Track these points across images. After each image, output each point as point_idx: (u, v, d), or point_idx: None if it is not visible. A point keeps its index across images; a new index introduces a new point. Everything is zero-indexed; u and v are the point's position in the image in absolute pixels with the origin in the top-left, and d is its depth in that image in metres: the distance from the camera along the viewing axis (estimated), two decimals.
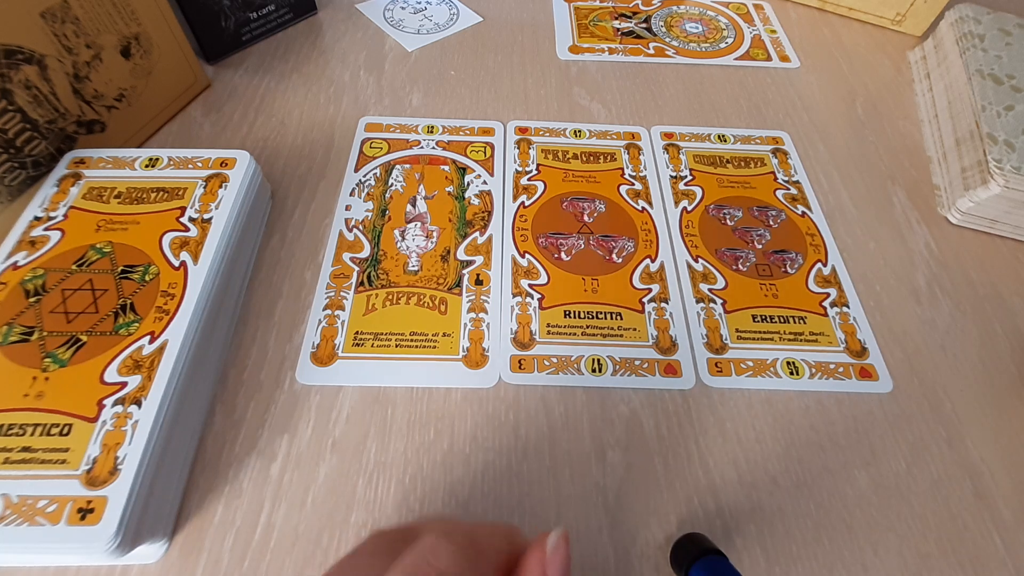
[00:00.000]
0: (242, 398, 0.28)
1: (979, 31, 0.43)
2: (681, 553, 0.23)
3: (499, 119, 0.42)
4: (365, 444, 0.27)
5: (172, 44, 0.38)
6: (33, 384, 0.24)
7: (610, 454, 0.27)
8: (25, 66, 0.30)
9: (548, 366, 0.30)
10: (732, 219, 0.36)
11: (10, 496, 0.21)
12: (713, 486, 0.27)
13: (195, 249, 0.29)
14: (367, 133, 0.40)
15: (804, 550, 0.25)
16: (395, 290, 0.32)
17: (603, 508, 0.26)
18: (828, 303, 0.33)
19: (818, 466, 0.28)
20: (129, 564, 0.24)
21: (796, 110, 0.44)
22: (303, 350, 0.30)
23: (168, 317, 0.26)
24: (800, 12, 0.54)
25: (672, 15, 0.52)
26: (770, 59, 0.49)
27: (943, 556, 0.26)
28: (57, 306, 0.26)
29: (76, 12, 0.32)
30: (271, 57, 0.45)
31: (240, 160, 0.32)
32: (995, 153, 0.35)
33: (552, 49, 0.48)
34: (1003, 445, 0.29)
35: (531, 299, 0.32)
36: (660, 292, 0.33)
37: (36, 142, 0.32)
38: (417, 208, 0.36)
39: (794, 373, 0.30)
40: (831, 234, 0.36)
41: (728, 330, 0.31)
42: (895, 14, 0.51)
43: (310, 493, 0.26)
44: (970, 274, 0.35)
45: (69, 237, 0.28)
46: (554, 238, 0.35)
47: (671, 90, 0.45)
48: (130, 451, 0.22)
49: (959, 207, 0.37)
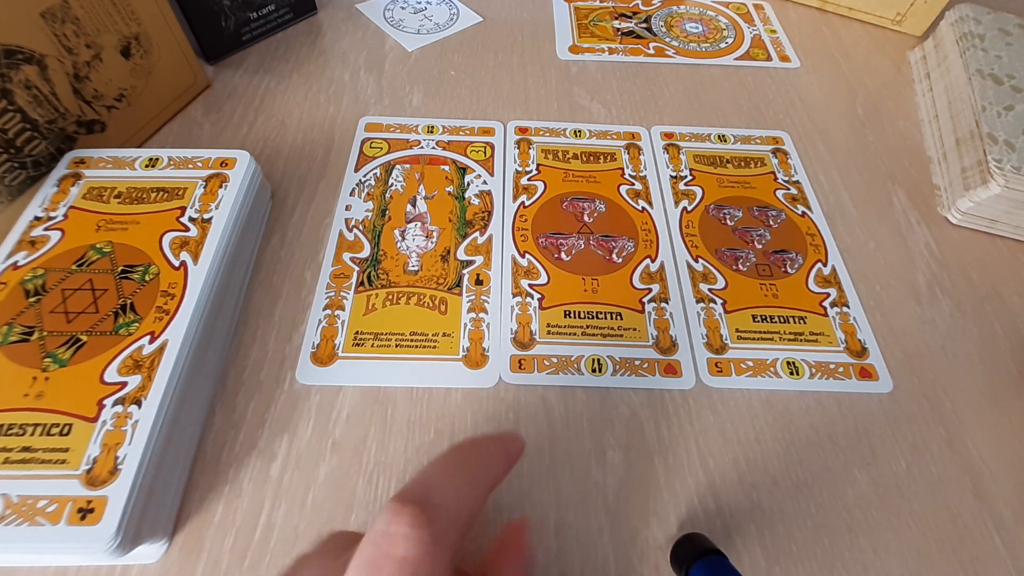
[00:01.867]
0: (242, 398, 0.28)
1: (979, 31, 0.43)
2: (681, 553, 0.23)
3: (499, 119, 0.41)
4: (365, 444, 0.27)
5: (172, 44, 0.38)
6: (33, 384, 0.24)
7: (610, 454, 0.27)
8: (25, 66, 0.30)
9: (548, 366, 0.30)
10: (732, 219, 0.36)
11: (10, 496, 0.21)
12: (713, 486, 0.27)
13: (195, 249, 0.29)
14: (367, 133, 0.40)
15: (804, 550, 0.25)
16: (395, 290, 0.32)
17: (603, 508, 0.26)
18: (828, 303, 0.33)
19: (818, 466, 0.28)
20: (129, 564, 0.24)
21: (796, 110, 0.44)
22: (303, 350, 0.30)
23: (168, 317, 0.26)
24: (800, 12, 0.54)
25: (672, 15, 0.52)
26: (770, 59, 0.49)
27: (943, 556, 0.26)
28: (57, 306, 0.26)
29: (76, 12, 0.32)
30: (271, 57, 0.45)
31: (240, 160, 0.32)
32: (995, 153, 0.35)
33: (552, 49, 0.48)
34: (1003, 445, 0.29)
35: (531, 299, 0.32)
36: (660, 292, 0.33)
37: (36, 142, 0.32)
38: (417, 208, 0.36)
39: (794, 373, 0.30)
40: (831, 234, 0.36)
41: (728, 330, 0.31)
42: (895, 14, 0.51)
43: (310, 493, 0.26)
44: (970, 274, 0.35)
45: (69, 237, 0.28)
46: (554, 238, 0.35)
47: (671, 90, 0.45)
48: (130, 451, 0.22)
49: (959, 207, 0.37)
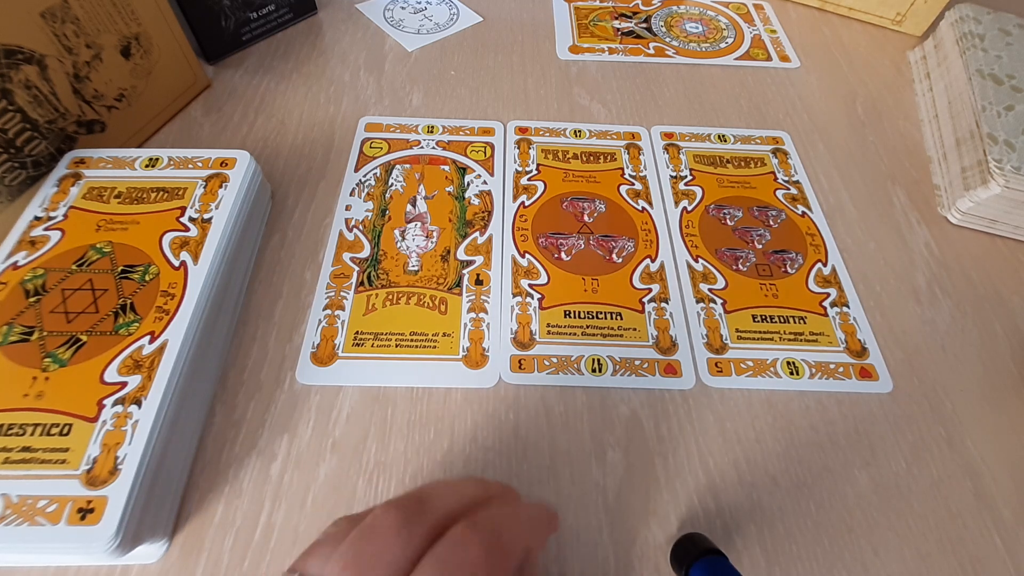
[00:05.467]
0: (242, 398, 0.28)
1: (979, 31, 0.43)
2: (681, 553, 0.23)
3: (499, 119, 0.41)
4: (365, 444, 0.27)
5: (172, 44, 0.38)
6: (33, 384, 0.24)
7: (610, 454, 0.27)
8: (25, 66, 0.30)
9: (548, 366, 0.30)
10: (732, 219, 0.36)
11: (10, 496, 0.21)
12: (713, 486, 0.27)
13: (195, 249, 0.29)
14: (367, 133, 0.40)
15: (804, 550, 0.25)
16: (395, 290, 0.32)
17: (603, 508, 0.26)
18: (828, 303, 0.33)
19: (818, 466, 0.28)
20: (129, 564, 0.24)
21: (796, 110, 0.44)
22: (303, 350, 0.30)
23: (168, 317, 0.26)
24: (800, 12, 0.54)
25: (672, 15, 0.52)
26: (770, 59, 0.49)
27: (943, 556, 0.26)
28: (57, 306, 0.26)
29: (76, 12, 0.32)
30: (271, 57, 0.45)
31: (240, 160, 0.32)
32: (995, 153, 0.35)
33: (552, 49, 0.48)
34: (1003, 445, 0.29)
35: (531, 299, 0.32)
36: (660, 292, 0.33)
37: (36, 142, 0.32)
38: (417, 208, 0.36)
39: (794, 373, 0.30)
40: (831, 234, 0.36)
41: (728, 330, 0.31)
42: (895, 14, 0.51)
43: (310, 493, 0.26)
44: (970, 274, 0.35)
45: (69, 237, 0.28)
46: (554, 238, 0.35)
47: (671, 90, 0.45)
48: (130, 451, 0.22)
49: (959, 207, 0.37)
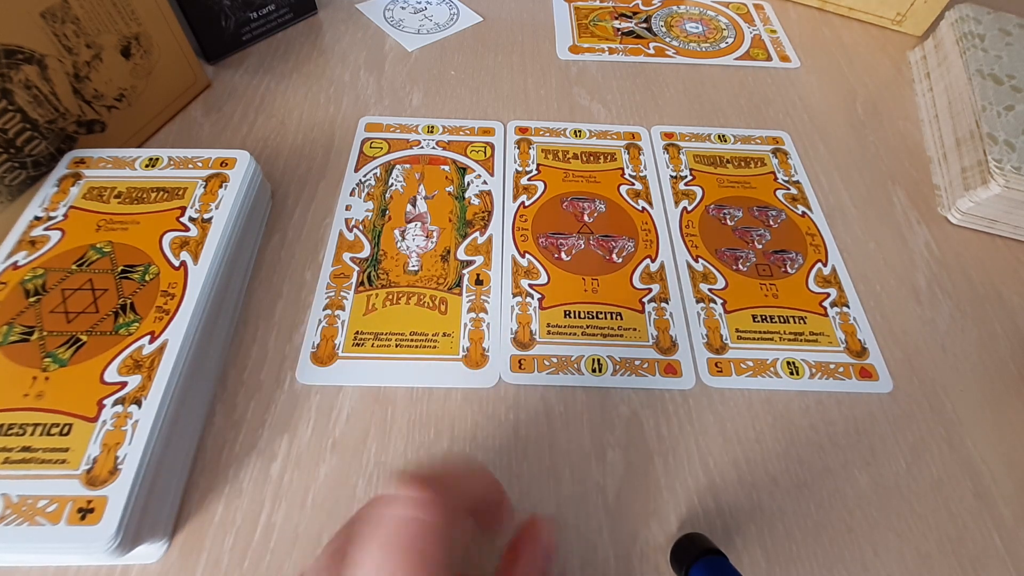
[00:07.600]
0: (242, 398, 0.28)
1: (979, 31, 0.43)
2: (681, 553, 0.23)
3: (499, 119, 0.41)
4: (365, 444, 0.27)
5: (172, 44, 0.38)
6: (33, 384, 0.24)
7: (610, 454, 0.27)
8: (25, 66, 0.30)
9: (548, 366, 0.30)
10: (732, 219, 0.36)
11: (10, 496, 0.21)
12: (713, 486, 0.27)
13: (195, 249, 0.29)
14: (367, 133, 0.40)
15: (804, 550, 0.25)
16: (395, 290, 0.32)
17: (603, 508, 0.26)
18: (828, 303, 0.33)
19: (818, 466, 0.28)
20: (129, 564, 0.24)
21: (796, 110, 0.44)
22: (303, 350, 0.30)
23: (168, 317, 0.26)
24: (800, 12, 0.54)
25: (672, 15, 0.52)
26: (770, 59, 0.49)
27: (943, 556, 0.26)
28: (57, 306, 0.26)
29: (76, 12, 0.32)
30: (271, 57, 0.45)
31: (240, 160, 0.32)
32: (995, 153, 0.35)
33: (552, 49, 0.48)
34: (1003, 445, 0.29)
35: (531, 299, 0.32)
36: (660, 292, 0.33)
37: (36, 142, 0.32)
38: (417, 208, 0.36)
39: (794, 373, 0.30)
40: (831, 234, 0.36)
41: (728, 330, 0.31)
42: (895, 14, 0.51)
43: (310, 493, 0.26)
44: (970, 274, 0.35)
45: (69, 237, 0.28)
46: (554, 238, 0.35)
47: (671, 90, 0.45)
48: (130, 451, 0.22)
49: (959, 207, 0.37)
